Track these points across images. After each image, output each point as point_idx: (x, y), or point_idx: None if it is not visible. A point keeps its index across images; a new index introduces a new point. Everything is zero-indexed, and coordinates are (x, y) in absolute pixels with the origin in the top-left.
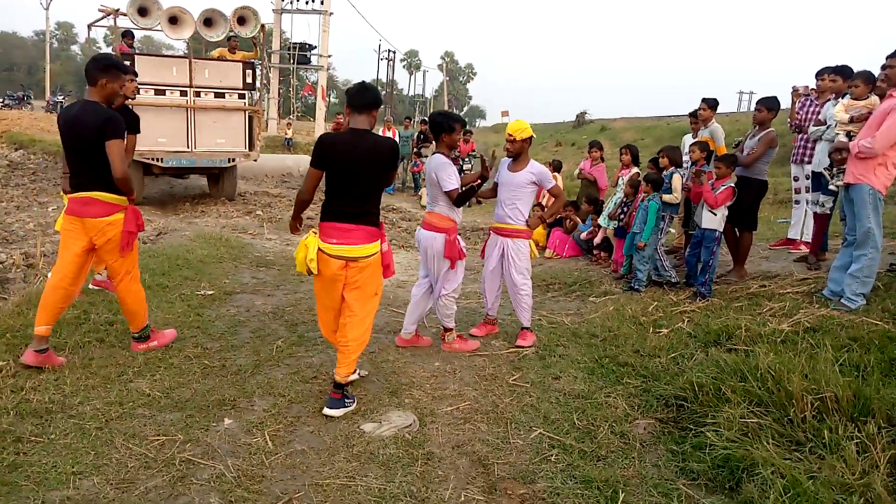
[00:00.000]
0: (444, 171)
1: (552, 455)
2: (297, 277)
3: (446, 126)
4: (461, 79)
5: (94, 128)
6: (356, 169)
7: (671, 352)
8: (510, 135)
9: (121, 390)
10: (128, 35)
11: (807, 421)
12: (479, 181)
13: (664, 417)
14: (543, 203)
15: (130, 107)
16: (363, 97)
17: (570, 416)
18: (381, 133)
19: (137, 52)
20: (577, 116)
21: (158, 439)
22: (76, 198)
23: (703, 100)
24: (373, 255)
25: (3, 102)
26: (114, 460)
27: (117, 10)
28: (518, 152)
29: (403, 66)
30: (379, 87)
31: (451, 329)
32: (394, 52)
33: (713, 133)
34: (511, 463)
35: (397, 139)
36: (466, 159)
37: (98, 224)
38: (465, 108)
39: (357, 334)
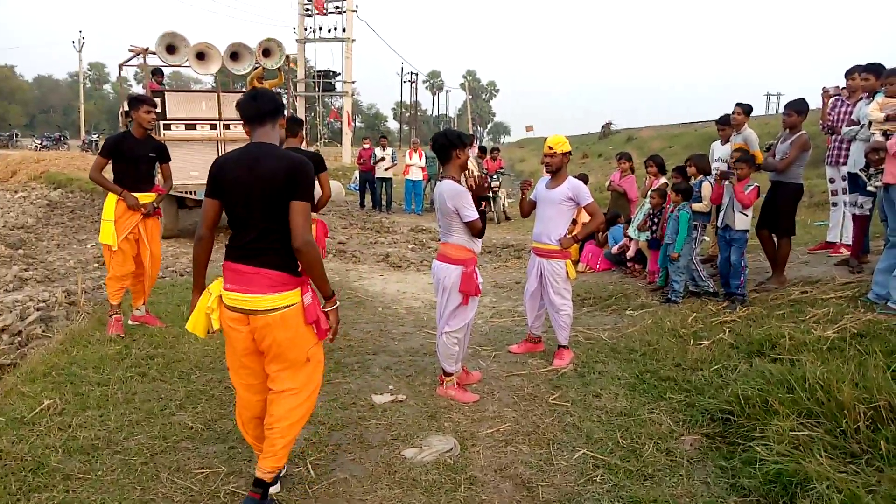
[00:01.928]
0: (463, 201)
1: (597, 476)
2: None
3: (458, 143)
4: (484, 96)
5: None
6: (245, 191)
7: (714, 364)
8: (550, 148)
9: (164, 424)
10: (157, 73)
11: (860, 431)
12: (483, 203)
13: (710, 432)
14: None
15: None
16: (258, 104)
17: (614, 434)
18: (408, 155)
19: (168, 89)
20: (603, 127)
21: (203, 472)
22: None
23: (738, 104)
24: (281, 308)
25: (41, 144)
26: (160, 495)
27: (146, 48)
28: (558, 167)
29: (426, 87)
30: (402, 110)
31: (451, 374)
32: (416, 74)
33: (747, 139)
34: (555, 485)
35: (423, 161)
36: (494, 176)
37: None
38: (490, 125)
39: (283, 412)
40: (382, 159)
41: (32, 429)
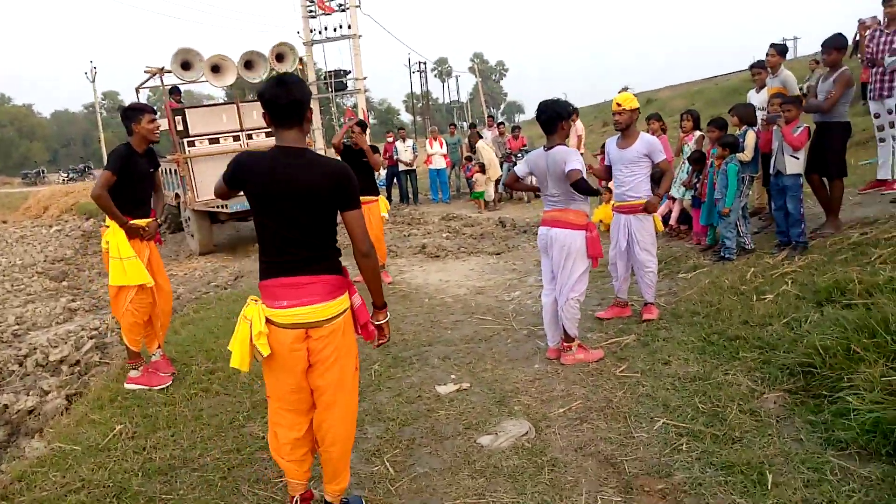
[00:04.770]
0: (573, 155)
1: (682, 444)
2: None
3: (565, 114)
4: (494, 77)
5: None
6: (283, 203)
7: (783, 317)
8: (618, 105)
9: (235, 437)
10: (175, 91)
11: None
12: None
13: (793, 388)
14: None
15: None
16: (284, 100)
17: (692, 400)
18: (428, 144)
19: (186, 105)
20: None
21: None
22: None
23: (772, 45)
24: (340, 314)
25: (67, 177)
26: None
27: (162, 68)
28: (627, 123)
29: (435, 75)
30: (414, 100)
31: (575, 337)
32: (424, 63)
33: (785, 81)
34: (641, 458)
35: (444, 148)
36: (518, 155)
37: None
38: (503, 105)
39: (341, 432)
40: (411, 161)
41: (109, 455)
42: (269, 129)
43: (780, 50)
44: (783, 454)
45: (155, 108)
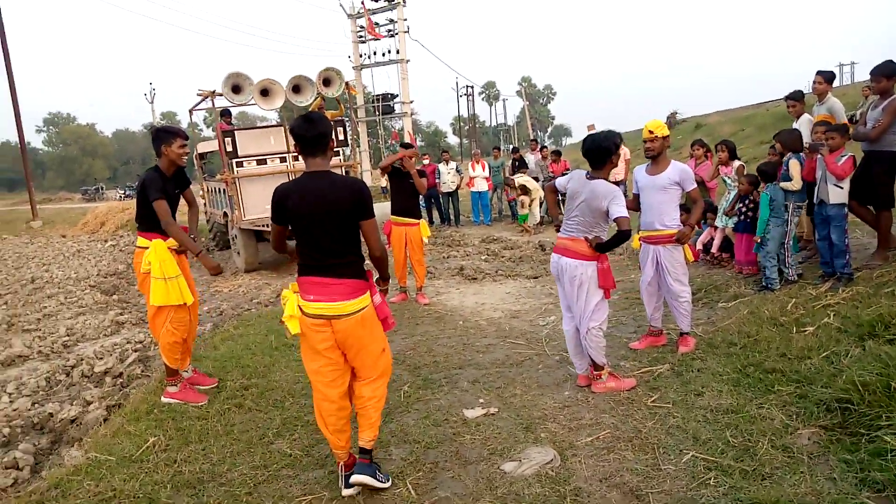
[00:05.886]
0: (617, 199)
1: (710, 479)
2: (412, 320)
3: (615, 149)
4: (541, 101)
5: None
6: (314, 217)
7: (822, 351)
8: (650, 132)
9: (264, 453)
10: (226, 114)
11: None
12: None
13: (829, 424)
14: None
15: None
16: (310, 134)
17: (723, 433)
18: (471, 167)
19: (236, 127)
20: (668, 118)
21: (305, 499)
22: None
23: (819, 72)
24: (359, 311)
25: (124, 194)
26: None
27: (213, 91)
28: (659, 151)
29: (482, 99)
30: (461, 124)
31: (604, 366)
32: (471, 87)
33: (831, 109)
34: (667, 491)
35: (487, 171)
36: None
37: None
38: (549, 129)
39: (371, 392)
40: (454, 184)
41: (141, 466)
42: None
43: (827, 77)
44: (815, 493)
45: (212, 127)
